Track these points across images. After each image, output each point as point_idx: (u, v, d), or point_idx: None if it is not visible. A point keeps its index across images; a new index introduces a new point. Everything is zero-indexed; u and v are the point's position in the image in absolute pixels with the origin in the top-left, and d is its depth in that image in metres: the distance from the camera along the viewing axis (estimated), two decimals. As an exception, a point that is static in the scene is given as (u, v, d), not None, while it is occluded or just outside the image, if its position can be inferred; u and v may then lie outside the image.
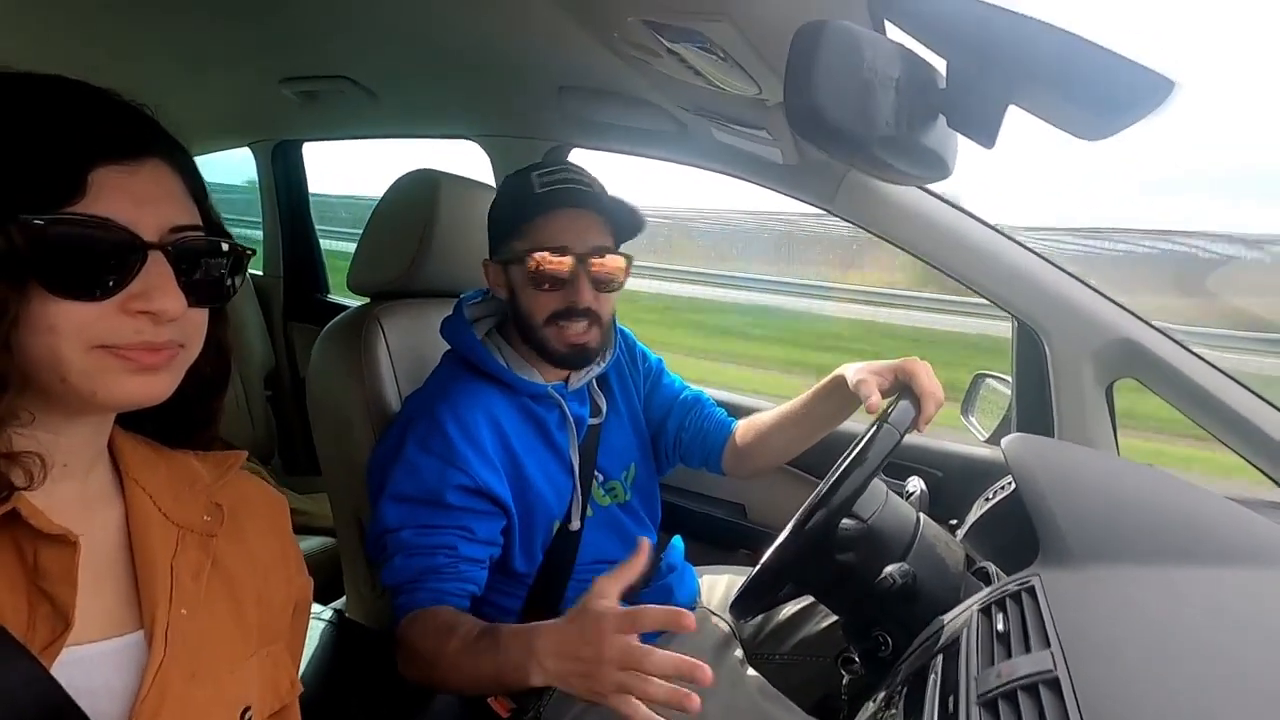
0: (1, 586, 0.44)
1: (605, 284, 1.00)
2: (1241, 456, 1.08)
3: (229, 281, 0.53)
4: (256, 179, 2.17)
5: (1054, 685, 0.50)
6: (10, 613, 0.44)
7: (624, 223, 1.02)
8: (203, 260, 0.50)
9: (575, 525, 1.05)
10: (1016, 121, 0.50)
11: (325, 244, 2.32)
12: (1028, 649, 0.56)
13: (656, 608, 0.69)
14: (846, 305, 7.14)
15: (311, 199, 2.23)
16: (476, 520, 0.94)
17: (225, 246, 0.52)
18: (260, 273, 2.24)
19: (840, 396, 1.03)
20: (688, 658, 0.66)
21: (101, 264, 0.44)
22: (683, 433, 1.19)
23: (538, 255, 0.96)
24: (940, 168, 0.58)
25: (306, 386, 1.17)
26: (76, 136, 0.45)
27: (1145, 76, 0.43)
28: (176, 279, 0.47)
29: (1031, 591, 0.64)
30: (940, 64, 0.52)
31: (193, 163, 0.52)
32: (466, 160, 1.66)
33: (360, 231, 1.18)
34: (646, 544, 0.76)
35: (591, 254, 0.97)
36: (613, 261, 1.00)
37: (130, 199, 0.46)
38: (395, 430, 0.99)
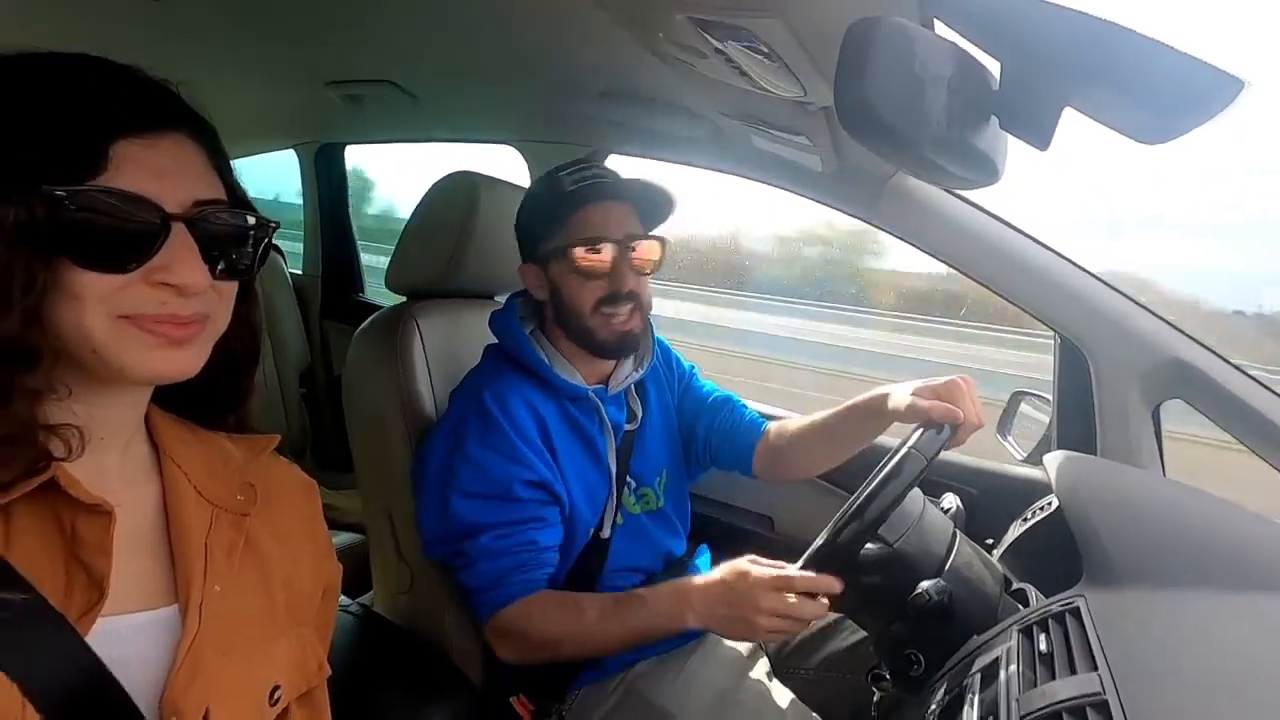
0: (41, 555, 0.45)
1: (644, 267, 1.03)
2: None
3: (254, 254, 0.52)
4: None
5: (1103, 709, 0.48)
6: (48, 581, 0.45)
7: (652, 208, 1.05)
8: (226, 233, 0.50)
9: (606, 533, 1.05)
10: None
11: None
12: (1073, 671, 0.54)
13: (804, 575, 0.84)
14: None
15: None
16: (546, 508, 0.97)
17: (250, 220, 0.51)
18: (299, 271, 2.28)
19: (879, 418, 0.99)
20: (820, 579, 0.83)
21: (124, 236, 0.45)
22: (712, 435, 1.18)
23: (580, 246, 0.99)
24: (990, 171, 0.56)
25: (342, 383, 1.19)
26: (97, 110, 0.45)
27: (1212, 76, 0.41)
28: (200, 252, 0.47)
29: (1076, 613, 0.62)
30: (992, 64, 0.51)
31: (216, 136, 0.52)
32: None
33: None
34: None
35: (629, 240, 1.00)
36: (648, 246, 1.03)
37: (151, 172, 0.46)
38: (448, 427, 1.01)
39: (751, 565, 0.88)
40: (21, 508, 0.45)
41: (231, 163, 0.54)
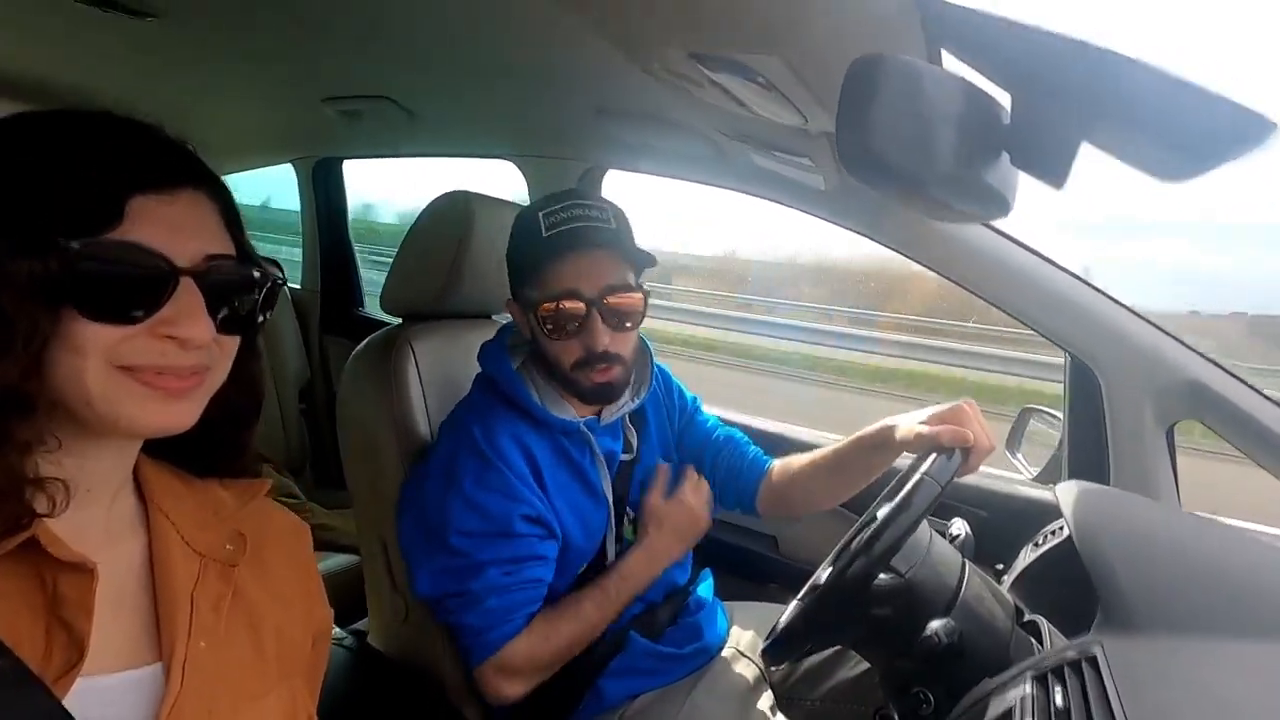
0: (22, 614, 0.44)
1: (623, 322, 0.96)
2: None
3: (259, 310, 0.53)
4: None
5: None
6: (27, 641, 0.43)
7: (639, 252, 0.98)
8: (233, 288, 0.50)
9: (610, 562, 1.03)
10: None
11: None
12: (1092, 732, 0.51)
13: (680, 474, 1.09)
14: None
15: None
16: (544, 544, 0.96)
17: (256, 274, 0.52)
18: (298, 286, 2.27)
19: (887, 451, 0.96)
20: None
21: (134, 289, 0.45)
22: (716, 473, 1.14)
23: (548, 305, 0.94)
24: (1000, 205, 0.54)
25: (337, 405, 1.17)
26: (116, 166, 0.46)
27: (1242, 116, 0.38)
28: (207, 306, 0.47)
29: (1093, 661, 0.59)
30: (1003, 97, 0.48)
31: (229, 194, 0.53)
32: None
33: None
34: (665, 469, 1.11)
35: (604, 295, 0.94)
36: (629, 298, 0.95)
37: (166, 227, 0.46)
38: (439, 465, 0.98)
39: (661, 501, 1.06)
40: (1, 566, 0.44)
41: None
